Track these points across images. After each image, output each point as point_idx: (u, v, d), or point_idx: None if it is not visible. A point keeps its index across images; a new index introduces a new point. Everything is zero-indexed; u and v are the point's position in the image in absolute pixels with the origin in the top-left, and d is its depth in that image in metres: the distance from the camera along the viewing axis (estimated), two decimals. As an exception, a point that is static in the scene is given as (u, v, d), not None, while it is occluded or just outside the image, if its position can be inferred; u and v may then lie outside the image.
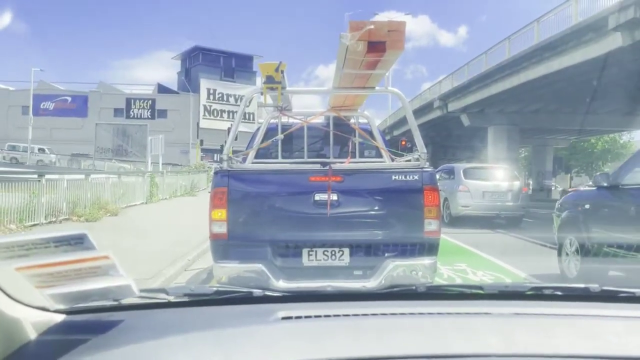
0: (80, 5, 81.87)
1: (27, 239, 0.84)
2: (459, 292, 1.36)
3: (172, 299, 1.27)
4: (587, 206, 6.38)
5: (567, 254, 6.48)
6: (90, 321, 1.13)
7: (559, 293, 1.33)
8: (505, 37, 23.19)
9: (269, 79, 4.26)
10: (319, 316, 1.13)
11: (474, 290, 1.35)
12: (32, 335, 1.00)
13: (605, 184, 6.04)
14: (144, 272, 5.78)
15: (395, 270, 4.03)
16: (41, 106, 47.42)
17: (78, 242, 0.85)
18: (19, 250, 0.84)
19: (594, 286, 1.31)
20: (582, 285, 1.33)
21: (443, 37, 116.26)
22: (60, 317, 1.10)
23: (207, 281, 6.15)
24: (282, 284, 3.96)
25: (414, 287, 1.34)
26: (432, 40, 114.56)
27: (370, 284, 3.98)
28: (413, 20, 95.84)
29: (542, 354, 0.97)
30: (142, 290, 1.14)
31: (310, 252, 4.14)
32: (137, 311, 1.21)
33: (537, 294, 1.35)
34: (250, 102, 5.29)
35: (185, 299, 1.29)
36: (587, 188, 7.16)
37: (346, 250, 4.15)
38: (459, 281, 6.33)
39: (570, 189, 11.67)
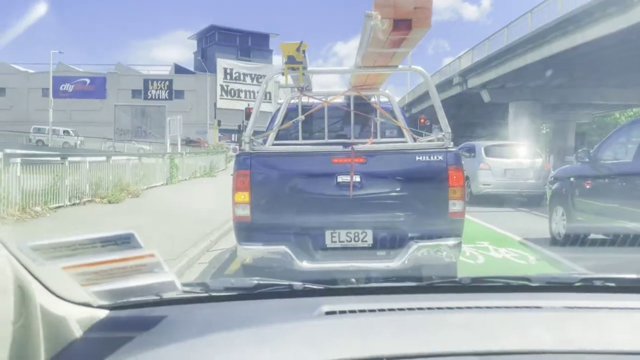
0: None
1: (74, 239, 0.83)
2: (505, 284, 1.33)
3: (213, 293, 1.26)
4: (571, 179, 7.39)
5: (556, 220, 7.50)
6: (134, 317, 1.12)
7: (611, 284, 1.29)
8: (527, 10, 22.58)
9: (290, 59, 4.21)
10: (364, 311, 1.10)
11: (520, 282, 1.31)
12: (78, 332, 0.99)
13: (586, 160, 7.00)
14: (168, 252, 5.85)
15: (419, 251, 4.01)
16: (60, 88, 47.89)
17: (125, 241, 0.84)
18: (66, 251, 0.83)
19: None
20: (634, 276, 1.29)
21: (466, 10, 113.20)
22: (103, 313, 1.09)
23: (230, 261, 6.21)
24: (307, 265, 3.98)
25: (457, 280, 1.31)
26: (455, 14, 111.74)
27: (394, 264, 3.99)
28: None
29: (598, 350, 0.93)
30: (184, 285, 1.13)
31: (334, 234, 4.14)
32: (179, 306, 1.20)
33: (588, 286, 1.30)
34: (269, 82, 5.25)
35: (226, 292, 1.28)
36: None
37: (369, 232, 4.14)
38: (481, 259, 6.31)
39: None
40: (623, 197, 6.16)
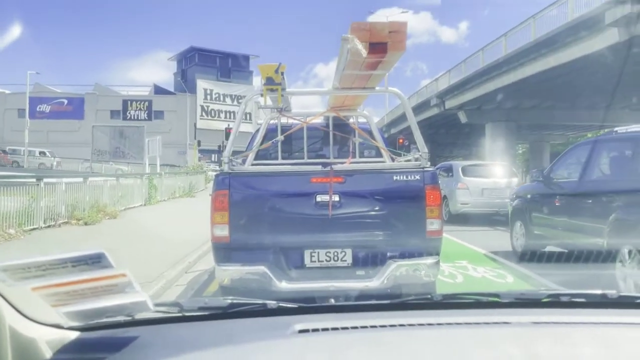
0: (75, 7, 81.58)
1: (44, 259, 0.83)
2: (475, 301, 1.35)
3: (186, 313, 1.25)
4: (528, 196, 8.15)
5: (516, 235, 8.18)
6: (105, 338, 1.11)
7: (577, 300, 1.32)
8: (501, 34, 23.19)
9: (269, 81, 4.25)
10: (336, 328, 1.11)
11: (490, 299, 1.34)
12: (48, 354, 0.98)
13: (540, 179, 7.72)
14: (145, 275, 5.75)
15: (398, 270, 4.02)
16: (37, 109, 47.21)
17: (96, 261, 0.83)
18: (36, 271, 0.82)
19: (612, 292, 1.30)
20: (599, 292, 1.32)
21: (444, 33, 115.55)
22: (74, 334, 1.08)
23: (209, 283, 6.14)
24: (285, 286, 3.95)
25: (429, 296, 1.33)
26: (433, 37, 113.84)
27: (373, 284, 3.99)
28: (414, 17, 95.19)
29: None
30: (156, 305, 1.13)
31: (313, 254, 4.13)
32: (152, 326, 1.19)
33: (554, 301, 1.33)
34: (248, 103, 5.27)
35: (200, 312, 1.27)
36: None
37: (348, 251, 4.15)
38: (460, 278, 6.35)
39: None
40: (570, 212, 6.78)
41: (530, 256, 7.06)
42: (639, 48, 15.05)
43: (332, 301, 1.38)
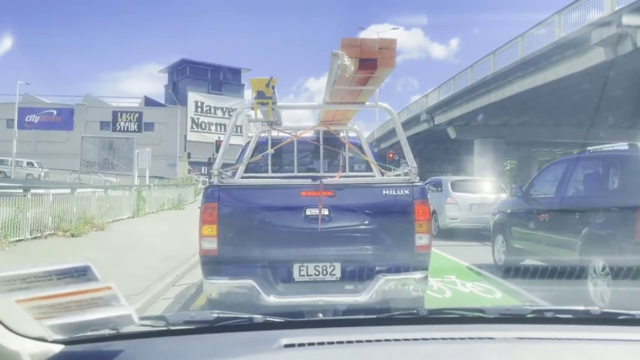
0: (67, 18, 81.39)
1: (29, 272, 0.82)
2: (461, 316, 1.36)
3: (172, 327, 1.24)
4: (508, 211, 8.45)
5: (497, 248, 8.45)
6: (89, 351, 1.10)
7: (560, 316, 1.33)
8: (490, 52, 23.53)
9: (260, 94, 4.26)
10: (322, 343, 1.11)
11: (475, 314, 1.34)
12: None
13: (519, 194, 8.08)
14: (132, 288, 5.69)
15: (387, 284, 4.02)
16: (26, 119, 46.87)
17: (81, 274, 0.83)
18: (20, 284, 0.82)
19: (595, 309, 1.32)
20: (582, 308, 1.34)
21: (435, 49, 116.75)
22: (58, 348, 1.07)
23: (196, 296, 6.08)
24: (273, 300, 3.93)
25: (415, 311, 1.33)
26: (424, 53, 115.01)
27: (362, 298, 3.98)
28: (405, 34, 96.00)
29: None
30: (142, 318, 1.12)
31: (302, 267, 4.12)
32: (137, 340, 1.18)
33: (539, 317, 1.35)
34: (239, 116, 5.29)
35: (185, 326, 1.26)
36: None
37: (337, 265, 4.14)
38: (449, 293, 6.35)
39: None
40: (546, 227, 7.13)
41: (515, 271, 7.14)
42: (623, 68, 15.32)
43: (320, 315, 1.38)
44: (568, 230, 6.46)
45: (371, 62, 3.39)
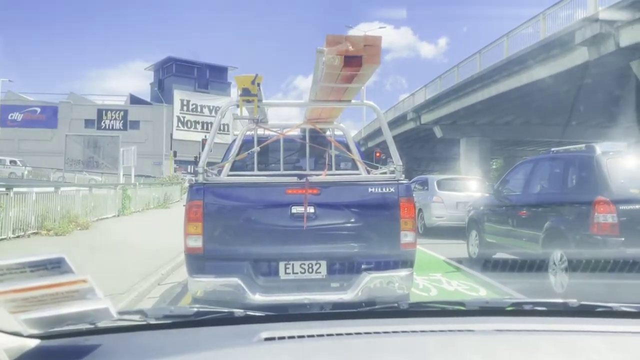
0: (51, 16, 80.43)
1: (1, 264, 0.80)
2: (441, 309, 1.37)
3: (150, 321, 1.23)
4: (481, 208, 8.94)
5: (471, 242, 8.97)
6: (66, 346, 1.08)
7: (539, 308, 1.35)
8: (476, 51, 23.69)
9: (245, 92, 4.24)
10: (302, 336, 1.11)
11: (455, 307, 1.36)
12: None
13: (491, 191, 8.69)
14: (116, 287, 5.64)
15: (372, 282, 4.03)
16: (9, 117, 46.27)
17: (55, 266, 0.82)
18: (-8, 276, 0.80)
19: (573, 301, 1.33)
20: (560, 301, 1.35)
21: (424, 48, 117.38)
22: (34, 343, 1.05)
23: (182, 295, 6.04)
24: (259, 298, 3.92)
25: (396, 305, 1.34)
26: (413, 52, 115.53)
27: (347, 296, 3.98)
28: (395, 32, 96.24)
29: None
30: (120, 313, 1.11)
31: (287, 265, 4.11)
32: (115, 335, 1.17)
33: (518, 310, 1.36)
34: (225, 114, 5.26)
35: (165, 320, 1.25)
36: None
37: (323, 263, 4.14)
38: (434, 291, 6.38)
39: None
40: (514, 222, 7.62)
41: (488, 264, 7.65)
42: (606, 68, 15.53)
43: (297, 309, 1.37)
44: (532, 225, 6.98)
45: (356, 59, 3.39)
